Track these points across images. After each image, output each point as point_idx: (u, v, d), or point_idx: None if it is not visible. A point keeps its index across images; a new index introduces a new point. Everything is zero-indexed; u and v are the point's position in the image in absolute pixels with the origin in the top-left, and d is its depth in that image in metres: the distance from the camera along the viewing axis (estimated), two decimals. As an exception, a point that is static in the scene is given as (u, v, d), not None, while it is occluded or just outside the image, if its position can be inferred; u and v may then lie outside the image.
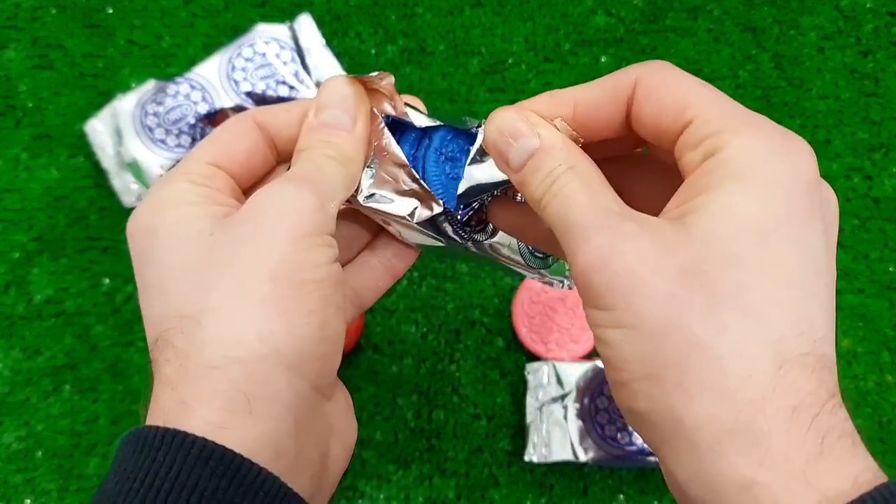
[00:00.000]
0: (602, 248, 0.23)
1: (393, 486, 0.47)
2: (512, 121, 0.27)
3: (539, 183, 0.25)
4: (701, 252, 0.22)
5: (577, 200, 0.24)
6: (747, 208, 0.22)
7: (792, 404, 0.21)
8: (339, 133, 0.28)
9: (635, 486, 0.47)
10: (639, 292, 0.22)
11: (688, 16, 0.52)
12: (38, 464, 0.48)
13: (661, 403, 0.22)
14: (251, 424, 0.24)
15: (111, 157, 0.49)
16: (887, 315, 0.49)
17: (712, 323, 0.21)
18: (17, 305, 0.49)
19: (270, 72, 0.48)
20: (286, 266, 0.25)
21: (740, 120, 0.23)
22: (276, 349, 0.24)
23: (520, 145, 0.26)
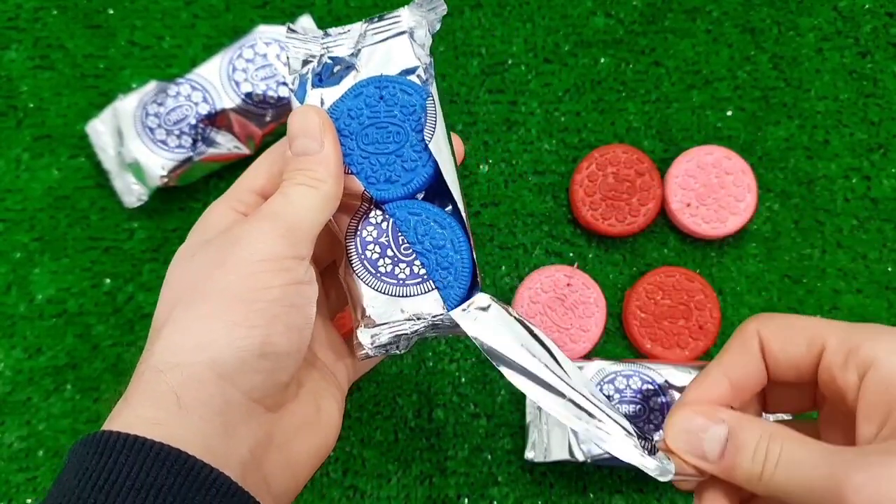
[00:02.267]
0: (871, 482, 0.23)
1: (393, 486, 0.47)
2: (689, 416, 0.28)
3: (751, 461, 0.26)
4: None
5: (806, 457, 0.24)
6: None
7: None
8: (308, 159, 0.31)
9: (634, 486, 0.47)
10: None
11: (687, 17, 0.52)
12: (40, 463, 0.48)
13: None
14: (180, 423, 0.26)
15: (112, 157, 0.49)
16: (886, 315, 0.49)
17: None
18: (19, 305, 0.49)
19: (271, 73, 0.48)
20: (238, 287, 0.28)
21: (867, 332, 0.25)
22: (211, 358, 0.27)
23: (710, 436, 0.27)
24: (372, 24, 0.34)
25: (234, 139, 0.49)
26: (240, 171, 0.50)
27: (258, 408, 0.29)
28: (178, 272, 0.31)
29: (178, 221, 0.50)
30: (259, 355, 0.28)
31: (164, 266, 0.49)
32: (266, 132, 0.49)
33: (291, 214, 0.30)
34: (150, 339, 0.29)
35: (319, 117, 0.31)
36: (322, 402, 0.33)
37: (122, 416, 0.27)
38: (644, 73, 0.52)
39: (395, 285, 0.33)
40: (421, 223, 0.32)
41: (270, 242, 0.29)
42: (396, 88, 0.33)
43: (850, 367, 0.25)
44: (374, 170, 0.33)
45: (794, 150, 0.51)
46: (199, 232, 0.32)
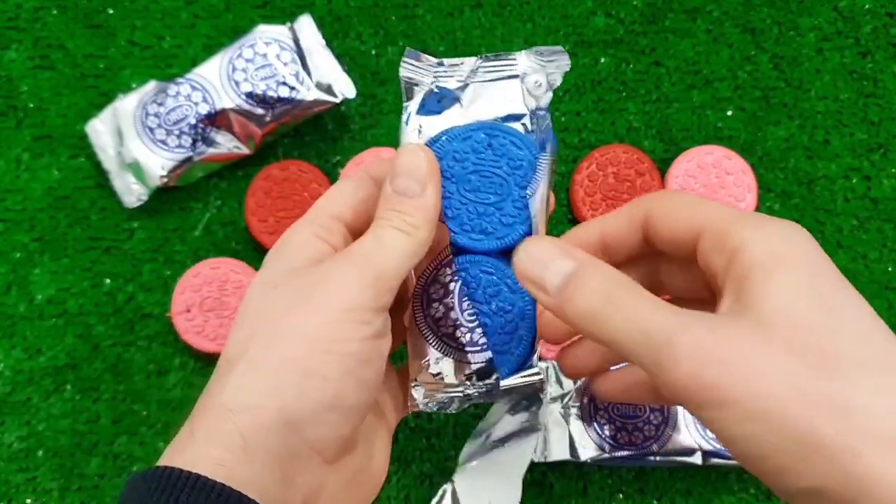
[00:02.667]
0: (697, 343, 0.23)
1: (393, 486, 0.47)
2: (544, 245, 0.28)
3: (590, 299, 0.25)
4: (790, 327, 0.23)
5: (640, 304, 0.25)
6: (798, 283, 0.24)
7: None
8: (408, 202, 0.30)
9: (634, 486, 0.47)
10: (758, 374, 0.22)
11: (687, 17, 0.52)
12: (40, 463, 0.48)
13: (831, 472, 0.22)
14: (242, 466, 0.26)
15: (112, 157, 0.49)
16: (886, 315, 0.49)
17: (842, 381, 0.22)
18: (19, 305, 0.49)
19: (271, 72, 0.48)
20: (318, 334, 0.27)
21: (743, 220, 0.26)
22: (281, 405, 0.27)
23: (555, 268, 0.27)
24: (486, 62, 0.33)
25: (233, 139, 0.49)
26: (240, 171, 0.51)
27: (318, 458, 0.29)
28: (257, 302, 0.30)
29: (178, 221, 0.50)
30: (329, 408, 0.28)
31: (164, 266, 0.50)
32: (266, 132, 0.49)
33: (382, 260, 0.29)
34: (221, 371, 0.29)
35: (428, 162, 0.30)
36: (374, 449, 0.33)
37: (188, 453, 0.26)
38: (644, 73, 0.52)
39: (455, 349, 0.32)
40: (492, 284, 0.32)
41: (357, 290, 0.28)
42: (507, 139, 0.32)
43: (720, 251, 0.25)
44: (471, 218, 0.32)
45: (794, 150, 0.51)
46: (281, 258, 0.31)
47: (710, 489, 0.47)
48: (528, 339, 0.32)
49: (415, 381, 0.33)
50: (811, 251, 0.25)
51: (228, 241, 0.50)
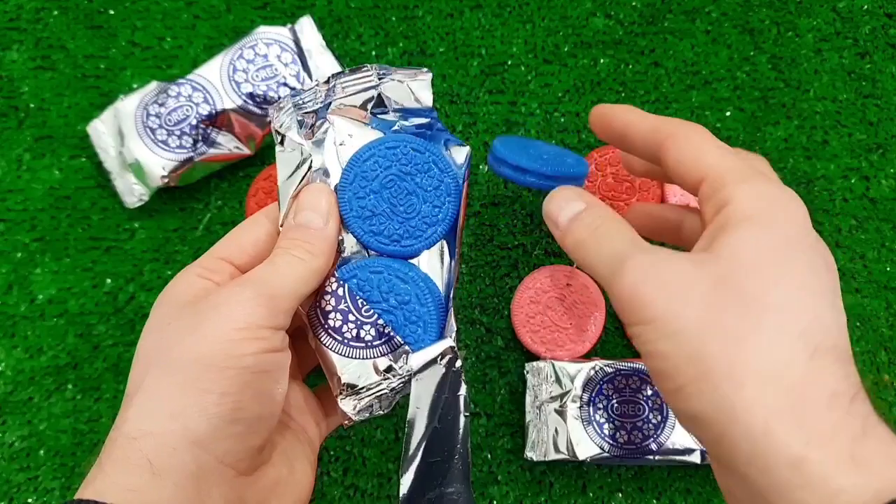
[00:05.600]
0: (645, 265, 0.26)
1: (393, 485, 0.47)
2: (566, 193, 0.32)
3: (582, 229, 0.30)
4: (728, 266, 0.25)
5: (616, 236, 0.29)
6: (759, 238, 0.26)
7: (830, 388, 0.24)
8: (310, 232, 0.32)
9: (634, 485, 0.47)
10: (679, 298, 0.25)
11: (686, 18, 0.52)
12: (41, 462, 0.48)
13: (714, 398, 0.24)
14: (154, 489, 0.27)
15: (113, 157, 0.50)
16: (884, 315, 0.49)
17: (747, 321, 0.24)
18: (20, 305, 0.49)
19: (272, 73, 0.48)
20: (211, 354, 0.29)
21: (740, 176, 0.27)
22: (184, 425, 0.28)
23: (570, 207, 0.31)
24: (343, 77, 0.35)
25: (234, 139, 0.49)
26: (240, 171, 0.51)
27: (231, 472, 0.30)
28: (151, 340, 0.31)
29: (178, 221, 0.51)
30: (230, 421, 0.29)
31: (165, 266, 0.50)
32: (266, 132, 0.49)
33: (276, 283, 0.31)
34: (123, 407, 0.30)
35: (328, 200, 0.33)
36: (295, 462, 0.34)
37: (97, 483, 0.27)
38: (643, 74, 0.52)
39: (363, 348, 0.33)
40: (384, 281, 0.33)
41: (249, 310, 0.29)
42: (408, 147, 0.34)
43: (713, 201, 0.27)
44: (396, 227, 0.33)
45: (792, 150, 0.51)
46: (168, 301, 0.32)
47: (709, 488, 0.47)
48: (435, 323, 0.33)
49: (338, 395, 0.33)
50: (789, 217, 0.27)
51: (229, 241, 0.50)
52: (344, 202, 0.33)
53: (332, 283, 0.33)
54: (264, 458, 0.32)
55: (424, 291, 0.33)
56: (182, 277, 0.32)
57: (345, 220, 0.33)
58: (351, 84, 0.35)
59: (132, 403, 0.29)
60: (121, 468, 0.27)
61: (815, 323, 0.24)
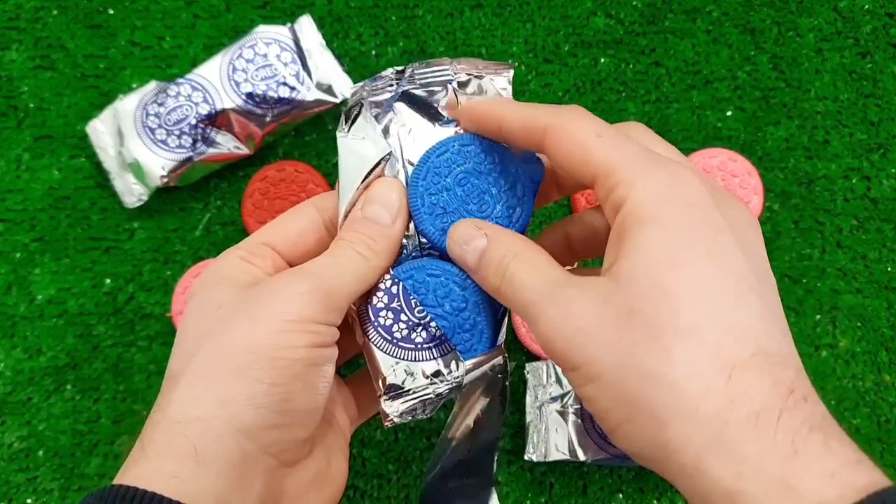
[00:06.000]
0: (554, 318, 0.25)
1: (393, 486, 0.47)
2: (464, 228, 0.30)
3: (493, 274, 0.29)
4: (630, 293, 0.24)
5: (525, 282, 0.27)
6: (656, 244, 0.24)
7: (753, 409, 0.22)
8: (376, 227, 0.31)
9: (634, 485, 0.47)
10: (592, 344, 0.24)
11: (686, 17, 0.52)
12: (40, 463, 0.48)
13: (644, 438, 0.24)
14: (197, 476, 0.27)
15: (113, 157, 0.49)
16: (885, 315, 0.49)
17: (658, 353, 0.23)
18: (19, 305, 0.49)
19: (271, 73, 0.48)
20: (263, 344, 0.28)
21: (633, 166, 0.26)
22: (232, 413, 0.27)
23: (472, 247, 0.30)
24: (420, 69, 0.34)
25: (234, 139, 0.49)
26: (240, 171, 0.51)
27: (275, 462, 0.29)
28: (199, 320, 0.30)
29: (178, 221, 0.50)
30: (279, 412, 0.28)
31: (164, 266, 0.50)
32: (266, 132, 0.49)
33: (335, 279, 0.30)
34: (167, 387, 0.29)
35: (400, 197, 0.32)
36: (332, 455, 0.33)
37: (138, 468, 0.27)
38: (644, 74, 0.52)
39: (412, 350, 0.32)
40: (441, 285, 0.32)
41: (304, 304, 0.29)
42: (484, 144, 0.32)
43: (609, 203, 0.26)
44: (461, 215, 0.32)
45: (793, 150, 0.51)
46: (217, 281, 0.31)
47: (710, 489, 0.47)
48: (488, 332, 0.32)
49: (382, 396, 0.32)
50: (689, 205, 0.25)
51: (229, 242, 0.50)
52: (415, 197, 0.32)
53: (386, 280, 0.32)
54: (306, 450, 0.32)
55: (482, 300, 0.32)
56: (225, 259, 0.32)
57: (415, 215, 0.32)
58: (425, 77, 0.33)
59: (178, 385, 0.28)
60: (164, 453, 0.27)
61: (730, 335, 0.23)
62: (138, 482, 0.26)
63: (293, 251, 0.33)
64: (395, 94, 0.33)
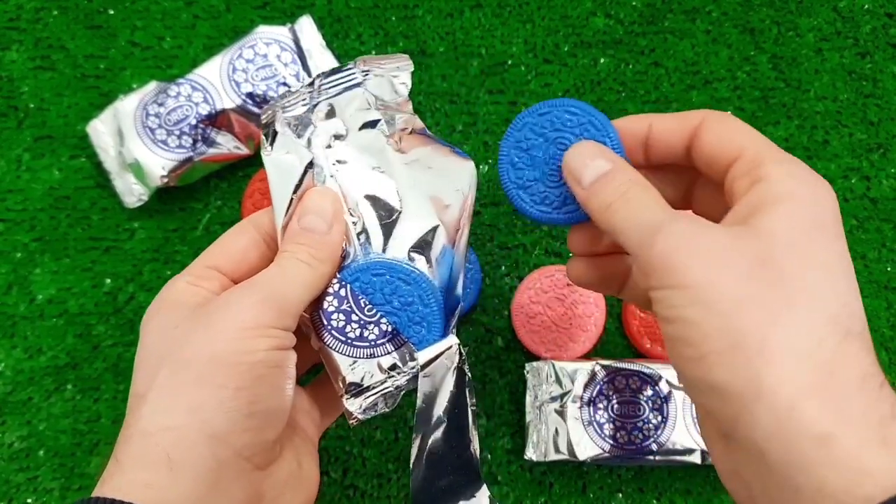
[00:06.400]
0: (683, 232, 0.26)
1: (393, 485, 0.47)
2: (591, 147, 0.30)
3: (610, 192, 0.29)
4: (767, 243, 0.25)
5: (648, 202, 0.28)
6: (796, 218, 0.26)
7: (860, 370, 0.24)
8: (314, 237, 0.32)
9: (634, 485, 0.47)
10: (719, 270, 0.25)
11: (686, 17, 0.52)
12: (41, 463, 0.48)
13: (741, 370, 0.24)
14: (172, 484, 0.27)
15: (113, 157, 0.49)
16: (885, 315, 0.49)
17: (783, 299, 0.24)
18: (20, 305, 0.49)
19: (271, 73, 0.48)
20: (224, 351, 0.29)
21: (778, 156, 0.28)
22: (202, 419, 0.28)
23: (595, 164, 0.30)
24: (325, 78, 0.35)
25: (234, 139, 0.49)
26: (240, 171, 0.51)
27: (248, 465, 0.30)
28: (157, 342, 0.31)
29: (178, 221, 0.50)
30: (247, 415, 0.29)
31: (164, 266, 0.50)
32: (266, 132, 0.49)
33: (284, 288, 0.31)
34: (134, 405, 0.30)
35: (333, 205, 0.33)
36: (302, 459, 0.35)
37: (114, 480, 0.27)
38: (643, 74, 0.52)
39: (367, 348, 0.33)
40: (387, 283, 0.33)
41: (259, 312, 0.30)
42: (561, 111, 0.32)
43: (748, 176, 0.27)
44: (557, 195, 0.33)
45: (793, 150, 0.51)
46: (169, 305, 0.32)
47: (710, 488, 0.47)
48: (438, 322, 0.33)
49: (343, 395, 0.34)
50: (824, 199, 0.27)
51: (229, 241, 0.50)
52: (505, 147, 0.32)
53: (334, 284, 0.33)
54: (276, 453, 0.32)
55: (427, 292, 0.33)
56: (172, 286, 0.33)
57: (499, 165, 0.33)
58: (334, 84, 0.35)
59: (146, 400, 0.29)
60: (138, 464, 0.27)
61: (846, 308, 0.25)
62: (114, 494, 0.26)
63: (238, 270, 0.33)
64: (309, 107, 0.34)
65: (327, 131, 0.34)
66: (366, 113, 0.34)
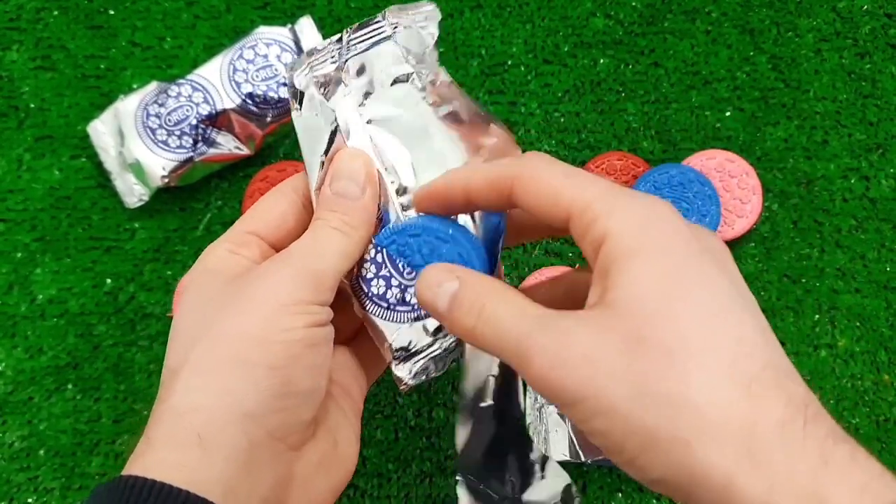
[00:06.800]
0: (551, 349, 0.24)
1: (393, 485, 0.47)
2: (434, 272, 0.29)
3: (466, 314, 0.27)
4: (632, 321, 0.24)
5: (507, 318, 0.26)
6: (648, 272, 0.24)
7: (777, 419, 0.22)
8: (346, 203, 0.31)
9: (634, 485, 0.47)
10: (599, 374, 0.23)
11: (686, 18, 0.52)
12: (41, 462, 0.48)
13: (667, 464, 0.23)
14: (204, 465, 0.27)
15: (113, 157, 0.50)
16: (884, 315, 0.49)
17: (674, 376, 0.23)
18: (20, 305, 0.50)
19: (272, 73, 0.48)
20: (259, 328, 0.28)
21: (608, 200, 0.25)
22: (235, 399, 0.28)
23: (443, 290, 0.28)
24: (354, 33, 0.34)
25: (234, 140, 0.49)
26: (241, 172, 0.51)
27: (281, 446, 0.29)
28: (191, 317, 0.30)
29: (179, 221, 0.51)
30: (282, 395, 0.28)
31: (165, 266, 0.50)
32: (267, 132, 0.49)
33: (318, 258, 0.30)
34: (166, 381, 0.29)
35: (365, 167, 0.31)
36: (339, 435, 0.33)
37: (145, 459, 0.27)
38: (643, 74, 0.52)
39: (409, 311, 0.32)
40: (424, 244, 0.31)
41: (294, 286, 0.29)
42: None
43: (588, 240, 0.25)
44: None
45: (792, 150, 0.51)
46: (205, 277, 0.31)
47: (709, 488, 0.47)
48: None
49: (392, 362, 0.32)
50: (671, 235, 0.25)
51: (229, 242, 0.50)
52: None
53: (370, 250, 0.32)
54: (311, 432, 0.31)
55: (467, 249, 0.31)
56: (212, 252, 0.32)
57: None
58: (363, 39, 0.33)
59: (178, 377, 0.28)
60: (169, 443, 0.27)
61: (740, 349, 0.23)
62: (145, 473, 0.26)
63: (277, 235, 0.33)
64: (339, 64, 0.33)
65: (359, 89, 0.33)
66: (397, 67, 0.33)
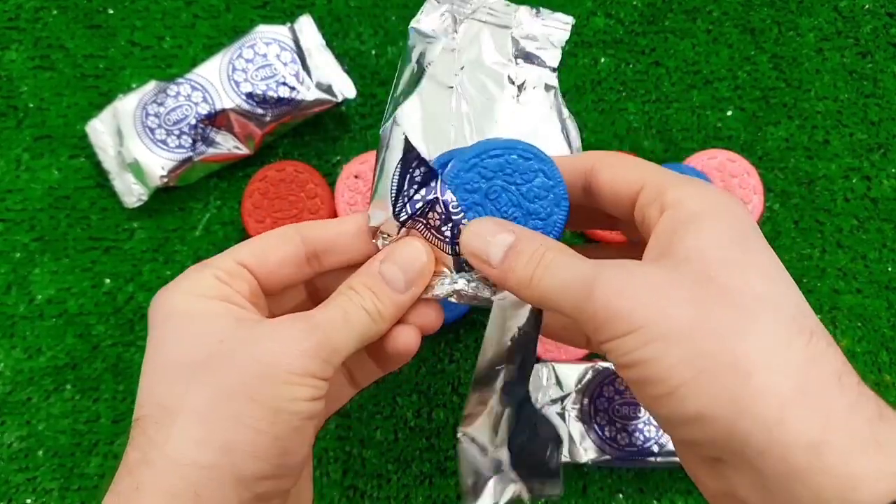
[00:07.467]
0: (616, 277, 0.25)
1: (393, 486, 0.47)
2: (487, 223, 0.29)
3: (525, 265, 0.27)
4: (700, 264, 0.25)
5: (569, 261, 0.27)
6: (719, 233, 0.26)
7: (835, 369, 0.23)
8: (388, 291, 0.30)
9: (634, 486, 0.47)
10: (665, 301, 0.24)
11: (686, 17, 0.52)
12: (40, 463, 0.48)
13: (718, 393, 0.23)
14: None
15: (112, 157, 0.49)
16: (885, 315, 0.49)
17: (738, 313, 0.24)
18: (19, 305, 0.49)
19: (271, 72, 0.48)
20: (269, 395, 0.28)
21: (680, 181, 0.27)
22: (233, 462, 0.27)
23: (497, 240, 0.28)
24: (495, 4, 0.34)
25: (233, 139, 0.49)
26: (240, 171, 0.51)
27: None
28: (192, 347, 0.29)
29: (178, 221, 0.50)
30: (277, 465, 0.28)
31: (164, 266, 0.50)
32: (266, 132, 0.49)
33: (341, 337, 0.29)
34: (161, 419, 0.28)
35: (424, 265, 0.31)
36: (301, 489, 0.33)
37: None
38: (644, 74, 0.52)
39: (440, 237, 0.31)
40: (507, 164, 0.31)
41: (310, 360, 0.28)
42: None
43: (655, 205, 0.27)
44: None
45: (794, 150, 0.51)
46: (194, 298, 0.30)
47: (710, 489, 0.47)
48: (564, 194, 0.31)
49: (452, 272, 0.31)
50: (734, 207, 0.27)
51: (228, 241, 0.50)
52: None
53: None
54: (287, 496, 0.32)
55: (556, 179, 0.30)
56: (200, 278, 0.30)
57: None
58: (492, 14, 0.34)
59: (176, 421, 0.27)
60: (163, 494, 0.27)
61: (801, 309, 0.24)
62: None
63: (269, 279, 0.31)
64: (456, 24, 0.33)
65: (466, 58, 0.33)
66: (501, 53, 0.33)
